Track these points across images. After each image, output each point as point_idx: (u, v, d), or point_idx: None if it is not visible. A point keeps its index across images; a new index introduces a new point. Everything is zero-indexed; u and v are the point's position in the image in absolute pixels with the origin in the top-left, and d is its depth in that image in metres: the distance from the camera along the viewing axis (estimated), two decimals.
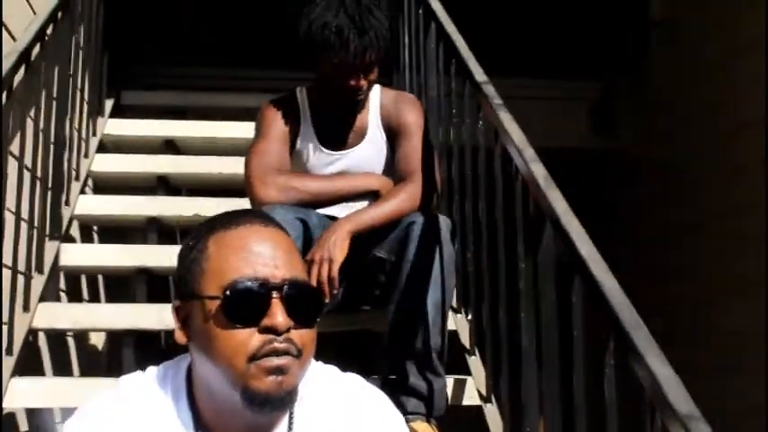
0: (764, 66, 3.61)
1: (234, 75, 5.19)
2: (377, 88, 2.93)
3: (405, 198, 2.67)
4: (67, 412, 1.40)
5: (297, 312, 1.31)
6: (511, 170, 2.38)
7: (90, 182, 4.23)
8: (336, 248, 2.53)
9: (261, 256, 1.33)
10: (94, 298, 4.37)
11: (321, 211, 2.76)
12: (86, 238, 4.26)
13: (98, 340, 4.54)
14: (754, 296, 4.19)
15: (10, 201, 2.82)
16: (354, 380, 1.51)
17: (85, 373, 4.00)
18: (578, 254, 1.85)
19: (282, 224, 1.44)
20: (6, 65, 2.68)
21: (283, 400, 1.30)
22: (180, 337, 1.39)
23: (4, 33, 3.08)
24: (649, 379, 1.50)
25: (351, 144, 2.87)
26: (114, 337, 4.74)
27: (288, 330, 1.30)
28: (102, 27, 4.24)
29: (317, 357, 1.44)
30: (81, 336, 4.09)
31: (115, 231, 4.28)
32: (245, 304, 1.30)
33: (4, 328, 2.76)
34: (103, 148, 4.34)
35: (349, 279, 2.74)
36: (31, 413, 3.06)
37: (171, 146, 4.43)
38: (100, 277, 4.38)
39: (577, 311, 1.91)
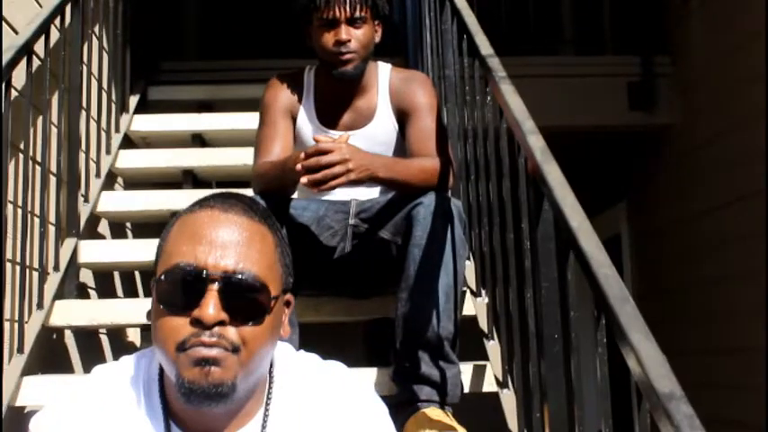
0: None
1: (259, 66, 5.13)
2: (386, 68, 2.83)
3: (423, 169, 2.56)
4: None
5: (236, 307, 1.22)
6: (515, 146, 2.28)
7: (120, 180, 4.22)
8: (360, 174, 2.36)
9: (207, 243, 1.24)
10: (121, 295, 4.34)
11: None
12: (119, 234, 4.24)
13: (135, 336, 4.52)
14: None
15: (17, 196, 2.79)
16: (336, 367, 1.44)
17: None
18: (569, 226, 1.74)
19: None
20: (5, 58, 2.64)
21: (210, 394, 1.20)
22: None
23: (7, 29, 3.05)
24: (633, 356, 1.39)
25: (356, 126, 2.77)
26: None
27: (221, 324, 1.21)
28: (125, 25, 4.22)
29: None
30: (115, 332, 4.05)
31: (148, 227, 4.24)
32: (178, 291, 1.23)
33: (13, 325, 2.73)
34: (132, 144, 4.33)
35: (357, 264, 2.66)
36: None
37: (199, 140, 4.40)
38: (116, 274, 4.31)
39: (572, 289, 1.81)
